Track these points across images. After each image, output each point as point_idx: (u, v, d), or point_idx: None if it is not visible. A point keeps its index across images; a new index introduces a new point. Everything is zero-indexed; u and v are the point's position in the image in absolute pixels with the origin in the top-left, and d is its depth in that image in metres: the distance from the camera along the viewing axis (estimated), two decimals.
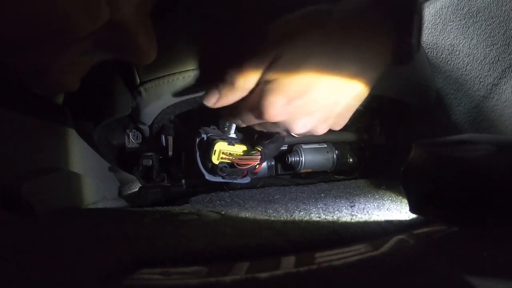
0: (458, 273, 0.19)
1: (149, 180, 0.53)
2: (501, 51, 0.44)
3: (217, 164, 0.45)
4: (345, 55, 0.33)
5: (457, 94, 0.49)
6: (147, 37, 0.30)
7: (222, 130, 0.47)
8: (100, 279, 0.20)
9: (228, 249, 0.24)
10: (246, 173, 0.47)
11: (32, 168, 0.37)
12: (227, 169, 0.45)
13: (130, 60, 0.33)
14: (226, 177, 0.46)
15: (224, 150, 0.44)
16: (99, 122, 0.44)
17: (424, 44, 0.55)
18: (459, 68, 0.49)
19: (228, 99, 0.36)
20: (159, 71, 0.41)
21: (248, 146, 0.46)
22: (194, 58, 0.40)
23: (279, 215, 0.34)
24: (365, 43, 0.33)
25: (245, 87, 0.34)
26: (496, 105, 0.44)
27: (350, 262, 0.21)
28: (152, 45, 0.31)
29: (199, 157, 0.46)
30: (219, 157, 0.44)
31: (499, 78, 0.44)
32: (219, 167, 0.45)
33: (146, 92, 0.42)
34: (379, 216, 0.33)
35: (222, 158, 0.44)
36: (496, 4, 0.44)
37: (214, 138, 0.45)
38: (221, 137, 0.45)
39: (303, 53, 0.32)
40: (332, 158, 0.54)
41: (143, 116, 0.45)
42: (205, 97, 0.36)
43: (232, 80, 0.34)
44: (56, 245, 0.25)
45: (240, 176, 0.47)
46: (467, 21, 0.48)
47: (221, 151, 0.44)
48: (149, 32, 0.31)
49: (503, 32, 0.44)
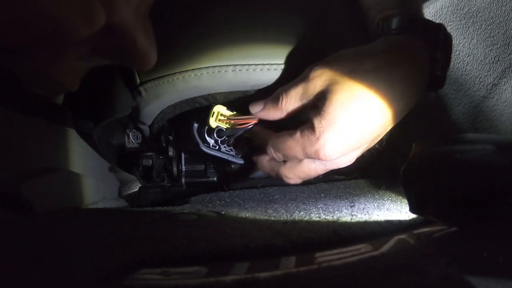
0: (458, 273, 0.19)
1: (149, 180, 0.53)
2: (501, 51, 0.44)
3: (214, 127, 0.44)
4: (396, 86, 0.33)
5: (457, 94, 0.49)
6: (146, 42, 0.29)
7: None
8: (100, 279, 0.20)
9: (228, 249, 0.24)
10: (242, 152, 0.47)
11: (32, 168, 0.37)
12: (223, 132, 0.44)
13: (129, 66, 0.32)
14: (222, 148, 0.46)
15: (222, 112, 0.44)
16: (99, 122, 0.44)
17: None
18: (459, 68, 0.49)
19: (269, 113, 0.38)
20: (159, 71, 0.41)
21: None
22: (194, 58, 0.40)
23: (279, 215, 0.34)
24: (410, 74, 0.33)
25: (288, 109, 0.36)
26: (496, 105, 0.44)
27: (350, 262, 0.21)
28: (151, 50, 0.30)
29: (195, 127, 0.46)
30: (216, 118, 0.44)
31: (499, 78, 0.44)
32: (215, 130, 0.44)
33: (146, 92, 0.42)
34: (379, 216, 0.33)
35: (219, 120, 0.44)
36: (496, 4, 0.44)
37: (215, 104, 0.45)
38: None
39: (357, 90, 0.32)
40: None
41: (143, 116, 0.45)
42: (252, 104, 0.39)
43: (278, 99, 0.36)
44: (56, 245, 0.25)
45: (235, 152, 0.47)
46: (467, 21, 0.48)
47: (219, 113, 0.44)
48: (148, 36, 0.30)
49: (503, 32, 0.44)
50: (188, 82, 0.41)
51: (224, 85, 0.42)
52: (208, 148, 0.46)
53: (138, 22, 0.28)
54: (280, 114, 0.37)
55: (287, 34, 0.41)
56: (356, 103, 0.32)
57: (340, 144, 0.33)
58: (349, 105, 0.32)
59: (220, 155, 0.46)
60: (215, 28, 0.41)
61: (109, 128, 0.49)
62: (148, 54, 0.30)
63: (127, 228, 0.30)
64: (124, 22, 0.27)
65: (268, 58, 0.40)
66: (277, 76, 0.41)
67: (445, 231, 0.25)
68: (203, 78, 0.40)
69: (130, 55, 0.29)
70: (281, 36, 0.41)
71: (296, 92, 0.35)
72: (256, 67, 0.40)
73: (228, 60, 0.40)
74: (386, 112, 0.33)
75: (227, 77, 0.40)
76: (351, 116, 0.32)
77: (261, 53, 0.40)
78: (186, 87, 0.41)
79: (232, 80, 0.41)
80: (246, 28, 0.41)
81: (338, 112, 0.32)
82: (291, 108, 0.36)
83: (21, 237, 0.27)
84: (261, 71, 0.40)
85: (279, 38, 0.41)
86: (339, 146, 0.33)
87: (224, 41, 0.41)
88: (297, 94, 0.35)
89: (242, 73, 0.40)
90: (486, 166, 0.23)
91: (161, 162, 0.53)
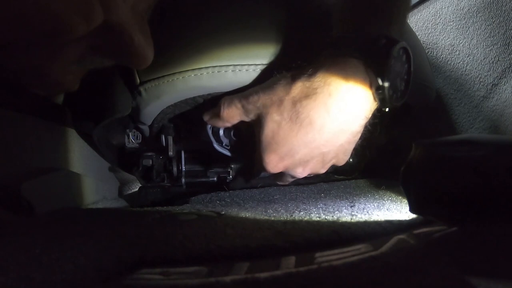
0: (458, 273, 0.19)
1: (149, 180, 0.53)
2: (501, 51, 0.44)
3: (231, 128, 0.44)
4: (331, 108, 0.35)
5: (457, 94, 0.49)
6: (143, 40, 0.29)
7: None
8: (100, 279, 0.20)
9: (228, 249, 0.24)
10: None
11: (32, 168, 0.37)
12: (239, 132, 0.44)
13: (126, 65, 0.32)
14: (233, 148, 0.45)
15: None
16: (99, 122, 0.44)
17: (424, 44, 0.55)
18: (459, 68, 0.49)
19: (215, 122, 0.42)
20: (159, 71, 0.41)
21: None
22: (194, 58, 0.40)
23: (279, 215, 0.34)
24: (349, 93, 0.35)
25: (229, 121, 0.41)
26: (496, 105, 0.44)
27: (350, 262, 0.21)
28: (148, 48, 0.30)
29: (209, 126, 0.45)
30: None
31: (499, 78, 0.44)
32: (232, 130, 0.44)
33: (146, 92, 0.42)
34: (379, 216, 0.33)
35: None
36: (496, 4, 0.44)
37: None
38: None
39: (287, 115, 0.36)
40: None
41: (143, 116, 0.45)
42: (204, 112, 0.43)
43: (220, 111, 0.40)
44: (56, 245, 0.25)
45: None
46: (467, 21, 0.48)
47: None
48: (145, 35, 0.30)
49: (503, 32, 0.44)
50: (188, 82, 0.41)
51: (224, 85, 0.42)
52: (221, 147, 0.45)
53: (135, 20, 0.28)
54: (223, 124, 0.41)
55: (287, 34, 0.41)
56: (286, 128, 0.36)
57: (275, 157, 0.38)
58: (280, 131, 0.37)
59: (230, 154, 0.46)
60: (215, 28, 0.41)
61: (109, 128, 0.49)
62: (145, 52, 0.30)
63: (127, 228, 0.30)
64: (121, 20, 0.27)
65: (268, 58, 0.40)
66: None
67: (445, 231, 0.25)
68: (203, 78, 0.40)
69: (127, 53, 0.29)
70: (281, 36, 0.41)
71: (236, 110, 0.40)
72: (256, 67, 0.40)
73: (228, 60, 0.40)
74: (322, 132, 0.36)
75: (227, 77, 0.40)
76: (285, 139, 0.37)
77: (261, 53, 0.40)
78: (186, 87, 0.41)
79: (232, 80, 0.41)
80: (246, 28, 0.41)
81: (271, 139, 0.37)
82: (232, 120, 0.41)
83: (21, 237, 0.27)
84: (261, 71, 0.40)
85: (279, 38, 0.41)
86: (273, 158, 0.38)
87: (224, 41, 0.41)
88: (236, 112, 0.40)
89: (242, 73, 0.40)
90: (486, 166, 0.23)
91: (161, 162, 0.53)
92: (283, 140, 0.37)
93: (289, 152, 0.38)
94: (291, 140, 0.37)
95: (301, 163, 0.39)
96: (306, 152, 0.38)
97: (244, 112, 0.39)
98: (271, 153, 0.38)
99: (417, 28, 0.56)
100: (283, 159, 0.38)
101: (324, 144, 0.37)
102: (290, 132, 0.36)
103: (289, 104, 0.36)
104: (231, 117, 0.40)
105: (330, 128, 0.36)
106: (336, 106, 0.35)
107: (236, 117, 0.40)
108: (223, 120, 0.41)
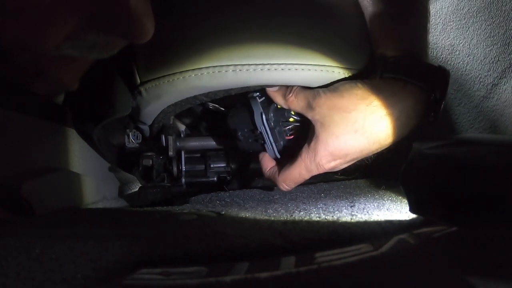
0: (458, 273, 0.19)
1: (149, 180, 0.53)
2: (501, 51, 0.44)
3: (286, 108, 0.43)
4: (391, 130, 0.38)
5: (457, 94, 0.49)
6: (140, 7, 0.28)
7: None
8: (100, 279, 0.20)
9: (228, 249, 0.24)
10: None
11: (32, 168, 0.37)
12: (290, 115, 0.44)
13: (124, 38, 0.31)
14: (277, 129, 0.44)
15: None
16: (99, 122, 0.44)
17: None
18: (459, 68, 0.49)
19: (276, 97, 0.43)
20: (159, 71, 0.41)
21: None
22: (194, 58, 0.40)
23: (279, 215, 0.34)
24: (408, 120, 0.38)
25: (290, 106, 0.42)
26: (496, 105, 0.44)
27: (350, 262, 0.21)
28: (147, 18, 0.28)
29: (269, 131, 0.44)
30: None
31: (499, 78, 0.44)
32: (286, 111, 0.44)
33: (146, 92, 0.42)
34: (379, 216, 0.33)
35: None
36: (496, 4, 0.44)
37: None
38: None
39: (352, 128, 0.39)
40: None
41: (143, 116, 0.45)
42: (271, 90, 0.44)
43: (289, 92, 0.42)
44: (56, 245, 0.25)
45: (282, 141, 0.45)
46: (467, 21, 0.48)
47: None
48: (143, 2, 0.28)
49: (503, 32, 0.43)
50: (188, 82, 0.41)
51: (224, 85, 0.41)
52: (267, 121, 0.44)
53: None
54: (284, 104, 0.43)
55: (287, 34, 0.41)
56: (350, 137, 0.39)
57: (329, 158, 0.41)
58: (341, 137, 0.39)
59: (269, 133, 0.44)
60: (215, 28, 0.41)
61: (109, 128, 0.49)
62: (144, 22, 0.28)
63: (127, 228, 0.30)
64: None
65: (268, 58, 0.40)
66: (277, 75, 0.41)
67: (445, 231, 0.25)
68: (203, 78, 0.40)
69: (122, 22, 0.27)
70: (281, 36, 0.41)
71: (301, 102, 0.41)
72: (256, 67, 0.40)
73: (228, 60, 0.40)
74: (374, 144, 0.40)
75: (227, 77, 0.40)
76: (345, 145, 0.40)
77: (261, 53, 0.40)
78: (186, 87, 0.41)
79: (232, 80, 0.41)
80: (246, 28, 0.41)
81: (330, 140, 0.40)
82: (293, 107, 0.42)
83: (21, 237, 0.27)
84: (261, 71, 0.40)
85: (279, 38, 0.41)
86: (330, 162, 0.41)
87: (224, 41, 0.41)
88: (301, 104, 0.41)
89: (242, 73, 0.40)
90: (486, 166, 0.23)
91: (161, 162, 0.53)
92: (344, 146, 0.40)
93: (344, 156, 0.41)
94: (350, 147, 0.40)
95: (346, 163, 0.42)
96: (355, 157, 0.41)
97: (308, 107, 0.41)
98: (327, 153, 0.40)
99: None
100: (336, 160, 0.41)
101: (370, 153, 0.41)
102: (353, 141, 0.39)
103: (355, 117, 0.39)
104: (294, 105, 0.42)
105: (383, 145, 0.40)
106: (397, 131, 0.39)
107: (297, 108, 0.42)
108: (285, 102, 0.42)
